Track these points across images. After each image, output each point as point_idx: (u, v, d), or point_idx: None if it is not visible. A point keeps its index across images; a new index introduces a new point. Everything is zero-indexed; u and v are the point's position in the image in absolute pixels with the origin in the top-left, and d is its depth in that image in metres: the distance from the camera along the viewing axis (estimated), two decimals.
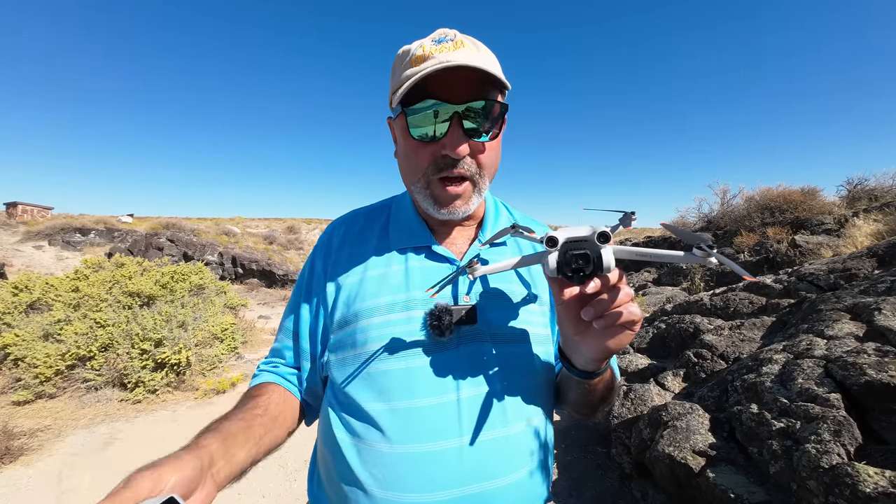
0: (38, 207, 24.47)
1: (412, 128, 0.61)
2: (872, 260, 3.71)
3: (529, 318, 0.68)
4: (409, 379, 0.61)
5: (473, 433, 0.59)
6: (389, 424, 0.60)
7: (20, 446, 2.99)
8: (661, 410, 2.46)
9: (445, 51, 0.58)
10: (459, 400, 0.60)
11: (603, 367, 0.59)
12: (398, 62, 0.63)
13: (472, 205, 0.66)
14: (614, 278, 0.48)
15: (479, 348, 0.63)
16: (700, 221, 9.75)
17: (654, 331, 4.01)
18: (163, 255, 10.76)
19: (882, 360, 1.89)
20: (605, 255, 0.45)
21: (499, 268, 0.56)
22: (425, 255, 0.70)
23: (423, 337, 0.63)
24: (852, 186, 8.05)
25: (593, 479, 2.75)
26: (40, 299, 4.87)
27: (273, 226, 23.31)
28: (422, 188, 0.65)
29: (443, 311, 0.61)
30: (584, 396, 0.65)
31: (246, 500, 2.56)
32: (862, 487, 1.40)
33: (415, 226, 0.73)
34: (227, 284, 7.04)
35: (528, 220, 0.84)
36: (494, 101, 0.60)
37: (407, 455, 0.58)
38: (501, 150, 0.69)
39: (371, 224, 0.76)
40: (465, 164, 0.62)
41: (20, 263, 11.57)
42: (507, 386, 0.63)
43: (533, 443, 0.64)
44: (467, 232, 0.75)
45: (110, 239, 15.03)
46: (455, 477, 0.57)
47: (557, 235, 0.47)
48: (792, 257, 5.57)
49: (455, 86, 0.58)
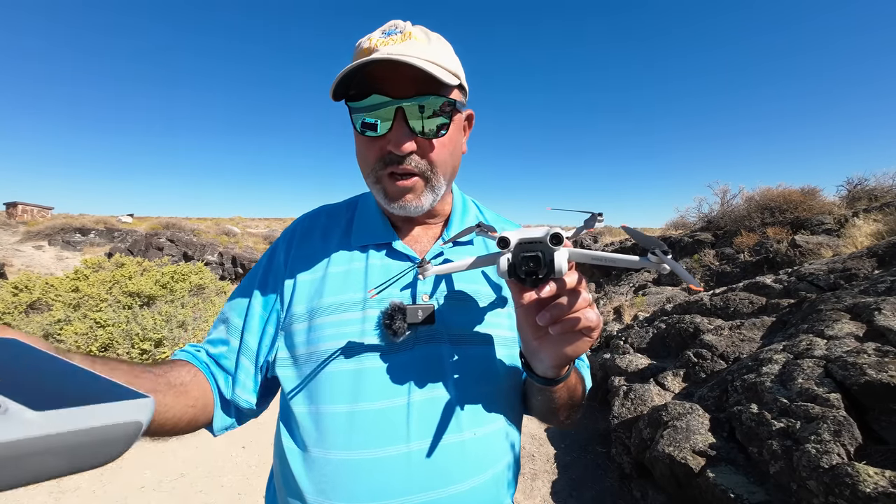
0: (38, 207, 24.48)
1: (357, 123, 0.60)
2: (872, 260, 3.72)
3: (494, 320, 0.65)
4: (358, 381, 0.58)
5: (422, 439, 0.56)
6: (333, 429, 0.57)
7: None
8: (661, 410, 2.46)
9: (391, 43, 0.56)
10: (410, 404, 0.57)
11: (564, 374, 0.57)
12: (354, 56, 0.60)
13: (425, 200, 0.63)
14: (572, 282, 0.46)
15: (436, 350, 0.61)
16: (700, 221, 9.75)
17: (654, 331, 4.01)
18: (163, 255, 10.76)
19: (882, 360, 1.89)
20: (557, 257, 0.44)
21: (452, 268, 0.53)
22: (386, 252, 0.68)
23: (377, 337, 0.60)
24: (852, 186, 8.06)
25: (593, 479, 2.75)
26: (40, 299, 4.87)
27: (273, 226, 23.31)
28: (372, 183, 0.63)
29: (396, 310, 0.59)
30: (546, 403, 0.63)
31: (246, 499, 2.56)
32: (862, 487, 1.40)
33: (377, 223, 0.70)
34: (227, 284, 7.04)
35: (499, 219, 0.82)
36: (443, 97, 0.57)
37: (350, 462, 0.55)
38: (465, 149, 0.67)
39: (335, 221, 0.74)
40: (412, 160, 0.59)
41: (20, 263, 11.57)
42: (464, 390, 0.60)
43: (491, 449, 0.61)
44: (432, 230, 0.73)
45: (110, 239, 15.04)
46: (401, 485, 0.55)
47: (510, 236, 0.46)
48: (792, 257, 5.57)
49: (400, 80, 0.56)
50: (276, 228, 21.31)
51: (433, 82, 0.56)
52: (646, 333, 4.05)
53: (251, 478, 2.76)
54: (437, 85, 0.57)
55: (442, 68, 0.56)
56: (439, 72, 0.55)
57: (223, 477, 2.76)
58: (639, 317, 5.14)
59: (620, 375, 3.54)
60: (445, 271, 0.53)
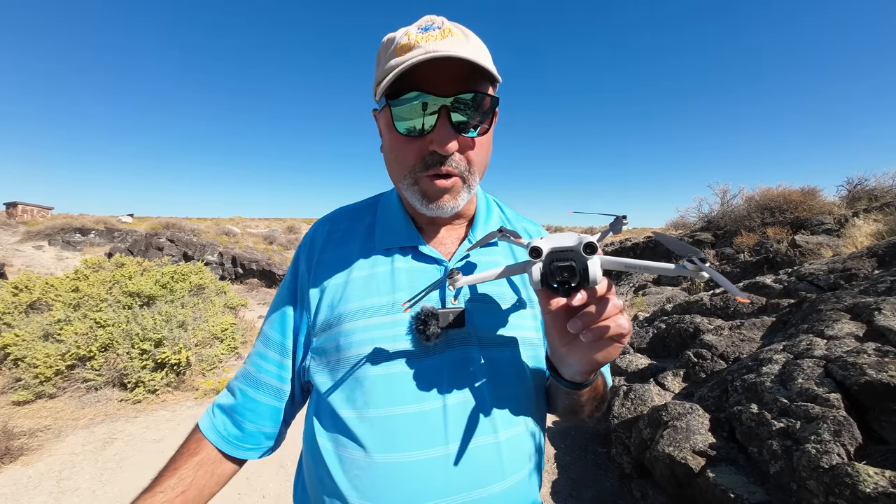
0: (38, 207, 24.48)
1: (397, 121, 0.57)
2: (872, 260, 3.71)
3: (519, 321, 0.66)
4: (392, 385, 0.59)
5: (461, 441, 0.57)
6: (371, 433, 0.58)
7: (20, 446, 2.99)
8: (661, 410, 2.46)
9: (432, 39, 0.54)
10: (445, 407, 0.58)
11: (591, 379, 0.57)
12: (382, 51, 0.59)
13: (461, 201, 0.62)
14: (602, 290, 0.45)
15: (466, 353, 0.61)
16: (700, 221, 9.76)
17: (654, 331, 4.01)
18: (163, 255, 10.76)
19: (882, 360, 1.89)
20: (591, 266, 0.43)
21: (481, 278, 0.53)
22: (412, 255, 0.67)
23: (409, 341, 0.60)
24: (852, 186, 8.05)
25: (593, 479, 2.75)
26: (40, 299, 4.87)
27: (273, 226, 23.31)
28: (409, 185, 0.61)
29: (429, 315, 0.59)
30: (572, 406, 0.63)
31: (246, 500, 2.56)
32: (862, 487, 1.40)
33: (401, 225, 0.69)
34: (227, 284, 7.04)
35: (520, 218, 0.81)
36: (485, 94, 0.57)
37: (390, 465, 0.56)
38: (492, 146, 0.66)
39: (356, 223, 0.73)
40: (453, 160, 0.58)
41: (20, 263, 11.57)
42: (495, 392, 0.61)
43: (523, 449, 0.62)
44: (456, 231, 0.72)
45: (110, 239, 15.04)
46: (441, 487, 0.55)
47: (541, 245, 0.45)
48: (792, 257, 5.57)
49: (442, 77, 0.54)
50: (276, 228, 21.30)
51: (476, 79, 0.56)
52: (646, 333, 4.05)
53: (251, 478, 2.76)
54: (480, 81, 0.56)
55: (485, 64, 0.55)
56: (487, 65, 0.54)
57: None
58: (639, 317, 5.13)
59: (620, 375, 3.54)
60: (474, 281, 0.53)
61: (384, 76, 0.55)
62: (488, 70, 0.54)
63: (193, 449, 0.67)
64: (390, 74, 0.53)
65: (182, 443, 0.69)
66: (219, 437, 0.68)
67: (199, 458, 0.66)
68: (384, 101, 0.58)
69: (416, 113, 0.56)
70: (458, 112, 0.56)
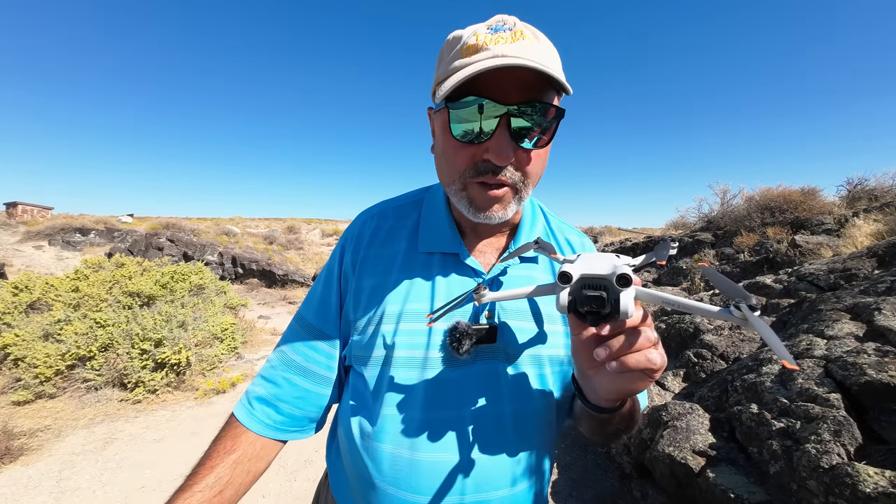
0: (38, 207, 24.48)
1: (454, 125, 0.55)
2: (872, 260, 3.71)
3: (550, 339, 0.66)
4: (424, 391, 0.62)
5: (478, 448, 0.61)
6: (398, 430, 0.61)
7: (20, 446, 2.99)
8: (661, 410, 2.46)
9: (502, 42, 0.51)
10: (468, 415, 0.61)
11: (617, 406, 0.55)
12: (447, 49, 0.57)
13: (510, 211, 0.60)
14: (635, 321, 0.43)
15: (494, 367, 0.63)
16: (700, 221, 9.75)
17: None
18: (163, 255, 10.76)
19: (882, 360, 1.89)
20: (623, 299, 0.40)
21: (508, 296, 0.52)
22: (452, 263, 0.67)
23: (441, 351, 0.62)
24: (852, 186, 8.05)
25: (593, 479, 2.75)
26: (40, 299, 4.87)
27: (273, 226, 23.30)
28: (458, 190, 0.59)
29: (463, 333, 0.60)
30: (595, 427, 0.63)
31: (246, 499, 2.56)
32: (862, 487, 1.40)
33: (445, 230, 0.68)
34: (227, 284, 7.04)
35: (564, 226, 0.79)
36: (550, 105, 0.53)
37: (413, 461, 0.60)
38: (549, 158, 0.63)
39: (402, 221, 0.73)
40: (507, 171, 0.56)
41: (20, 263, 11.57)
42: (517, 405, 0.63)
43: (536, 460, 0.65)
44: (498, 241, 0.71)
45: (110, 239, 15.03)
46: (458, 486, 0.60)
47: (571, 272, 0.42)
48: (792, 257, 5.57)
49: (508, 83, 0.51)
50: (277, 228, 21.29)
51: (543, 87, 0.53)
52: None
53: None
54: (546, 90, 0.53)
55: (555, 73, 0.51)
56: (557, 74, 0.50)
57: None
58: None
59: None
60: (501, 299, 0.52)
61: (446, 76, 0.53)
62: (557, 79, 0.50)
63: (230, 447, 0.66)
64: (454, 76, 0.51)
65: (216, 438, 0.68)
66: (264, 427, 0.69)
67: (236, 456, 0.65)
68: (443, 102, 0.55)
69: (475, 118, 0.53)
70: (520, 121, 0.53)
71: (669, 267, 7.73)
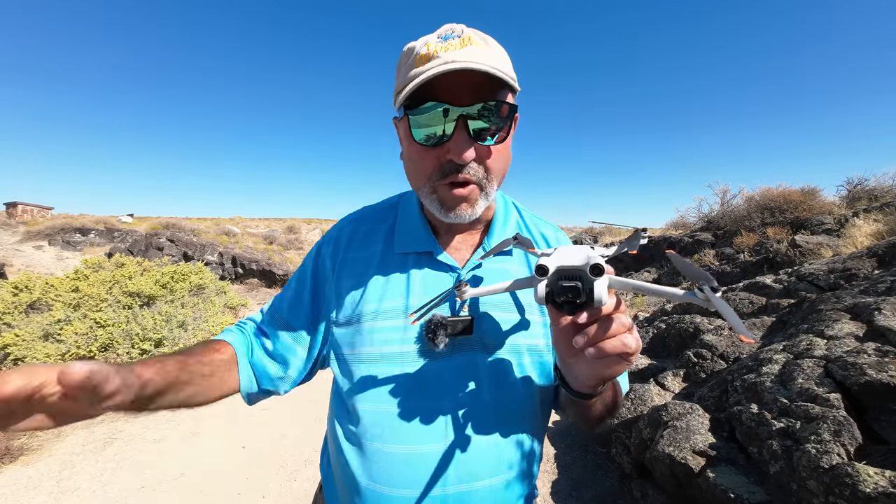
0: (38, 207, 24.48)
1: (415, 130, 0.58)
2: (872, 260, 3.71)
3: (527, 329, 0.68)
4: (402, 384, 0.64)
5: (458, 438, 0.62)
6: (379, 425, 0.63)
7: (20, 446, 3.00)
8: (661, 410, 2.46)
9: (451, 49, 0.54)
10: (448, 407, 0.63)
11: (598, 391, 0.58)
12: (403, 60, 0.60)
13: (479, 209, 0.63)
14: (609, 309, 0.45)
15: (472, 358, 0.65)
16: (700, 221, 9.75)
17: (654, 331, 4.01)
18: (163, 255, 10.76)
19: (882, 360, 1.89)
20: (597, 287, 0.43)
21: (488, 291, 0.54)
22: (428, 261, 0.69)
23: (419, 345, 0.64)
24: (852, 186, 8.05)
25: (593, 479, 2.75)
26: (40, 299, 4.87)
27: (273, 226, 23.30)
28: (428, 192, 0.63)
29: (438, 325, 0.62)
30: (580, 413, 0.65)
31: (246, 499, 2.56)
32: (862, 487, 1.40)
33: (419, 230, 0.71)
34: (227, 284, 7.04)
35: (538, 221, 0.81)
36: (503, 103, 0.57)
37: (395, 455, 0.62)
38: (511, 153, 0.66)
39: (379, 225, 0.76)
40: (471, 168, 0.59)
41: (20, 263, 11.57)
42: (496, 395, 0.64)
43: (518, 449, 0.66)
44: (473, 237, 0.74)
45: (110, 239, 15.04)
46: (439, 477, 0.61)
47: (548, 264, 0.45)
48: (792, 257, 5.57)
49: (460, 87, 0.55)
50: (277, 228, 21.29)
51: (495, 87, 0.56)
52: (646, 333, 4.05)
53: (251, 478, 2.76)
54: (498, 90, 0.57)
55: (504, 73, 0.55)
56: (504, 76, 0.54)
57: (223, 477, 2.76)
58: (639, 317, 5.13)
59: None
60: (481, 294, 0.54)
61: (403, 86, 0.56)
62: (506, 80, 0.54)
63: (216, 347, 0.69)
64: (409, 85, 0.54)
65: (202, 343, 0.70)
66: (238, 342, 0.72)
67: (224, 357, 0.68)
68: (403, 110, 0.59)
69: (434, 122, 0.57)
70: (476, 121, 0.57)
71: (670, 268, 7.73)
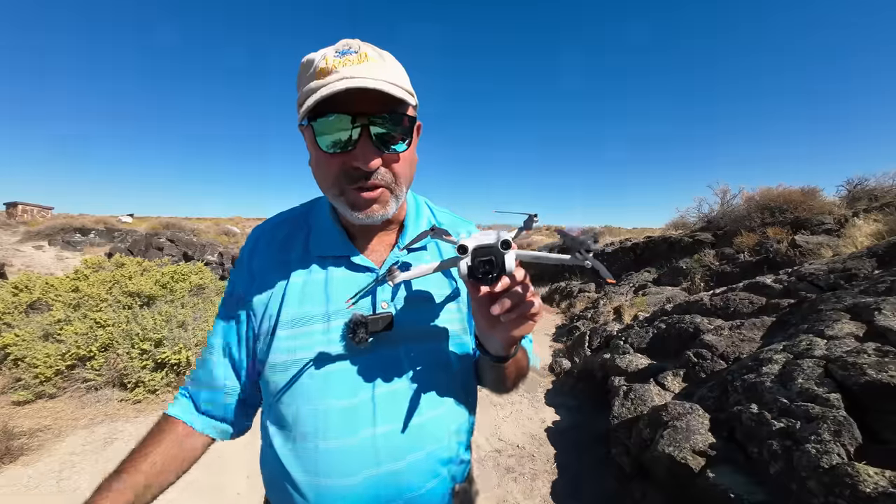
0: (38, 207, 24.49)
1: (320, 139, 0.61)
2: (872, 260, 3.72)
3: (444, 316, 0.74)
4: (329, 384, 0.67)
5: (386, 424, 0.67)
6: (312, 424, 0.66)
7: (20, 446, 2.99)
8: (661, 410, 2.47)
9: (349, 64, 0.58)
10: (374, 397, 0.67)
11: (513, 352, 0.68)
12: (302, 72, 0.63)
13: (390, 209, 0.67)
14: (519, 278, 0.55)
15: (394, 351, 0.69)
16: (700, 221, 9.75)
17: (654, 331, 4.01)
18: (163, 255, 10.76)
19: (882, 360, 1.90)
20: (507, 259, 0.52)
21: (418, 273, 0.61)
22: (345, 265, 0.72)
23: (342, 345, 0.68)
24: (852, 186, 8.05)
25: (593, 479, 2.75)
26: (40, 299, 4.87)
27: None
28: (336, 195, 0.65)
29: (358, 324, 0.65)
30: (498, 376, 0.73)
31: (246, 499, 2.56)
32: (862, 487, 1.40)
33: (334, 235, 0.74)
34: (226, 284, 7.04)
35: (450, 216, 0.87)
36: (402, 115, 0.62)
37: (329, 450, 0.65)
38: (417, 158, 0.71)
39: (294, 232, 0.77)
40: (378, 174, 0.63)
41: (20, 263, 11.57)
42: (420, 380, 0.70)
43: (447, 424, 0.72)
44: (388, 237, 0.77)
45: (110, 239, 15.04)
46: (371, 460, 0.65)
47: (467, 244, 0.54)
48: (792, 257, 5.57)
49: (361, 99, 0.58)
50: None
51: (393, 100, 0.59)
52: (646, 333, 4.05)
53: (252, 477, 2.76)
54: (396, 102, 0.60)
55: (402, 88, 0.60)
56: (401, 93, 0.59)
57: (223, 476, 2.76)
58: (639, 317, 5.13)
59: (620, 375, 3.54)
60: (411, 277, 0.61)
61: (305, 98, 0.59)
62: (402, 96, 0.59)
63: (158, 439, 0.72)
64: (310, 99, 0.57)
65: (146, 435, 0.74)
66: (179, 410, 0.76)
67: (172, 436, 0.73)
68: (307, 120, 0.61)
69: (338, 131, 0.60)
70: (378, 129, 0.60)
71: (670, 268, 7.73)
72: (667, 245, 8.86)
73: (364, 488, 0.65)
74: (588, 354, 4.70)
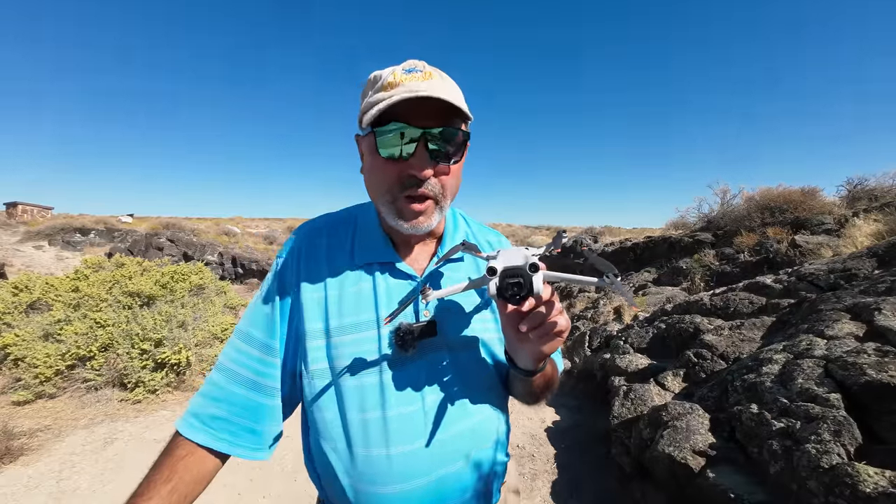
0: (38, 207, 24.49)
1: (381, 147, 0.65)
2: (872, 260, 3.71)
3: (482, 325, 0.77)
4: (380, 392, 0.68)
5: (439, 431, 0.69)
6: (364, 432, 0.67)
7: (20, 446, 2.99)
8: (661, 410, 2.47)
9: (415, 80, 0.63)
10: (424, 406, 0.69)
11: (541, 366, 0.69)
12: (369, 85, 0.68)
13: (434, 221, 0.70)
14: (546, 297, 0.57)
15: (438, 357, 0.72)
16: (700, 221, 9.75)
17: (654, 331, 4.01)
18: (163, 255, 10.76)
19: (882, 360, 1.90)
20: (535, 281, 0.55)
21: (449, 292, 0.64)
22: (389, 271, 0.75)
23: (390, 352, 0.70)
24: (852, 186, 8.04)
25: (593, 479, 2.75)
26: (40, 299, 4.87)
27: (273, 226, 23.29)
28: (388, 202, 0.68)
29: (406, 331, 0.68)
30: (527, 389, 0.75)
31: (246, 499, 2.56)
32: (862, 487, 1.40)
33: (379, 242, 0.77)
34: (227, 284, 7.03)
35: (483, 229, 0.92)
36: (458, 130, 0.66)
37: (381, 457, 0.66)
38: (462, 174, 0.75)
39: (339, 237, 0.79)
40: (429, 184, 0.66)
41: (20, 263, 11.57)
42: (465, 385, 0.73)
43: (489, 428, 0.76)
44: (428, 248, 0.81)
45: (110, 239, 15.04)
46: (425, 467, 0.67)
47: (496, 266, 0.56)
48: (792, 257, 5.57)
49: (423, 113, 0.62)
50: (277, 228, 21.30)
51: (451, 116, 0.65)
52: (646, 333, 4.05)
53: (253, 478, 2.76)
54: (454, 119, 0.65)
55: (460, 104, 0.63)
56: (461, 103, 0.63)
57: (224, 476, 2.76)
58: (639, 317, 5.13)
59: (620, 375, 3.54)
60: (444, 295, 0.64)
61: (371, 107, 0.62)
62: (462, 109, 0.63)
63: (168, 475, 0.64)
64: (377, 105, 0.61)
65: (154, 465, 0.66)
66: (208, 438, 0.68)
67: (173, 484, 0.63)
68: (369, 128, 0.65)
69: (398, 141, 0.64)
70: (435, 143, 0.65)
71: (670, 268, 7.73)
72: (667, 245, 8.85)
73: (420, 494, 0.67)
74: (588, 354, 4.70)
